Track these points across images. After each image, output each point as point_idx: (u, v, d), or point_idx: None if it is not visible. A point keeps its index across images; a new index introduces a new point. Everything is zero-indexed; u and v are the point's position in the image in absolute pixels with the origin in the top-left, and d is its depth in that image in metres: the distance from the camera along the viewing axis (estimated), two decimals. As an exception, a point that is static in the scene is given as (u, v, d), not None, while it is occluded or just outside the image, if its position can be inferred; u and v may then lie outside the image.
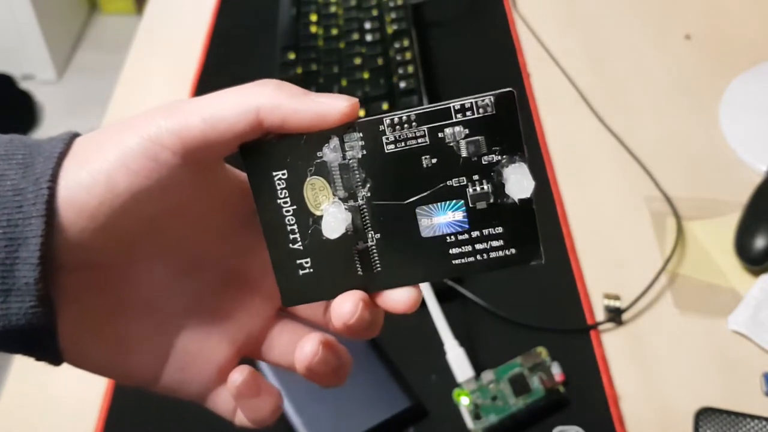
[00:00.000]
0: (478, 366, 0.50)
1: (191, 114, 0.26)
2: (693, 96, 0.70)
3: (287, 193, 0.27)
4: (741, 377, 0.51)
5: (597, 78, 0.72)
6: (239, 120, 0.26)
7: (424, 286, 0.52)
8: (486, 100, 0.26)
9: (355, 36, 0.72)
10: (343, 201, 0.27)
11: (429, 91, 0.69)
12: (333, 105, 0.26)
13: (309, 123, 0.26)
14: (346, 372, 0.31)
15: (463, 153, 0.26)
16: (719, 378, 0.51)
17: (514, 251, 0.28)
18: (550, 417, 0.49)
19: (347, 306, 0.28)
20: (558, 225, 0.60)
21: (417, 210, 0.27)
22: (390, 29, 0.72)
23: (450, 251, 0.28)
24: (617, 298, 0.55)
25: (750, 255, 0.56)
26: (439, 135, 0.26)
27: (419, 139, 0.26)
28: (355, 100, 0.27)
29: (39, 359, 0.28)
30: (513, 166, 0.26)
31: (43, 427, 0.51)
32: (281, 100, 0.26)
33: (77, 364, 0.29)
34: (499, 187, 0.27)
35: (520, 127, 0.26)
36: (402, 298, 0.29)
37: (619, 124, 0.67)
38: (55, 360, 0.28)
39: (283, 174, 0.27)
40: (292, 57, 0.71)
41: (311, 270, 0.28)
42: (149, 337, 0.30)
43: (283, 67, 0.70)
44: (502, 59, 0.74)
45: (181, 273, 0.30)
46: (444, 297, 0.53)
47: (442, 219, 0.27)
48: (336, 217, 0.27)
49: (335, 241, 0.27)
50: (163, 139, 0.26)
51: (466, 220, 0.27)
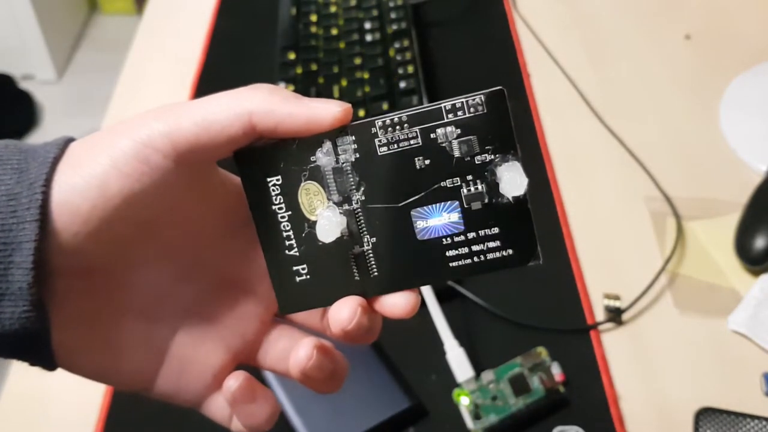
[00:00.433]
0: (478, 366, 0.50)
1: (183, 117, 0.26)
2: (693, 96, 0.70)
3: (282, 199, 0.27)
4: (741, 377, 0.51)
5: (597, 78, 0.72)
6: (232, 123, 0.26)
7: (423, 286, 0.52)
8: (476, 99, 0.26)
9: (355, 36, 0.72)
10: (338, 205, 0.27)
11: (429, 91, 0.69)
12: (325, 109, 0.26)
13: (302, 127, 0.26)
14: (342, 378, 0.30)
15: (456, 153, 0.26)
16: (719, 378, 0.51)
17: (511, 252, 0.28)
18: (550, 417, 0.49)
19: (345, 312, 0.28)
20: (558, 225, 0.60)
21: (412, 212, 0.27)
22: (390, 29, 0.72)
23: (447, 253, 0.28)
24: (617, 298, 0.55)
25: (750, 255, 0.56)
26: (431, 136, 0.26)
27: (412, 141, 0.26)
28: (348, 105, 0.27)
29: (33, 364, 0.28)
30: (506, 164, 0.26)
31: (43, 428, 0.51)
32: (274, 104, 0.26)
33: (71, 369, 0.29)
34: (494, 187, 0.27)
35: (512, 125, 0.26)
36: (400, 302, 0.29)
37: (619, 124, 0.67)
38: (49, 365, 0.28)
39: (278, 180, 0.27)
40: (292, 57, 0.71)
41: (308, 276, 0.28)
42: (144, 343, 0.30)
43: (283, 67, 0.70)
44: (502, 59, 0.74)
45: (176, 278, 0.30)
46: (444, 297, 0.53)
47: (437, 221, 0.27)
48: (330, 221, 0.27)
49: (331, 246, 0.27)
50: (155, 142, 0.26)
51: (461, 221, 0.27)
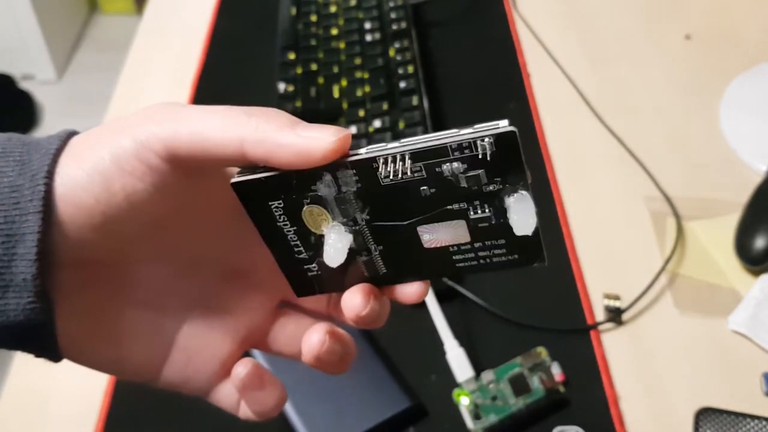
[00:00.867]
0: (478, 366, 0.50)
1: (181, 125, 0.26)
2: (693, 96, 0.70)
3: (286, 219, 0.27)
4: (741, 377, 0.51)
5: (597, 78, 0.72)
6: (224, 145, 0.25)
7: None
8: (485, 141, 0.24)
9: (355, 36, 0.72)
10: (343, 225, 0.27)
11: (429, 91, 0.69)
12: (318, 143, 0.25)
13: (292, 160, 0.25)
14: (351, 359, 0.31)
15: (463, 184, 0.25)
16: (719, 378, 0.51)
17: (517, 256, 0.28)
18: (550, 417, 0.49)
19: (358, 299, 0.28)
20: (558, 225, 0.60)
21: (418, 228, 0.27)
22: (390, 29, 0.72)
23: (453, 257, 0.28)
24: (617, 298, 0.55)
25: (750, 255, 0.56)
26: (437, 170, 0.25)
27: (416, 174, 0.25)
28: (346, 133, 0.25)
29: (38, 356, 0.28)
30: (516, 195, 0.25)
31: (44, 427, 0.51)
32: (267, 133, 0.25)
33: (76, 360, 0.29)
34: (501, 211, 0.26)
35: (524, 164, 0.24)
36: (410, 290, 0.29)
37: (619, 124, 0.67)
38: (54, 356, 0.28)
39: (279, 203, 0.27)
40: (292, 57, 0.71)
41: (319, 272, 0.29)
42: (149, 334, 0.30)
43: (283, 67, 0.70)
44: (502, 59, 0.74)
45: (181, 271, 0.30)
46: (444, 297, 0.53)
47: (444, 235, 0.27)
48: (336, 248, 0.27)
49: None
50: (153, 146, 0.26)
51: (467, 235, 0.27)
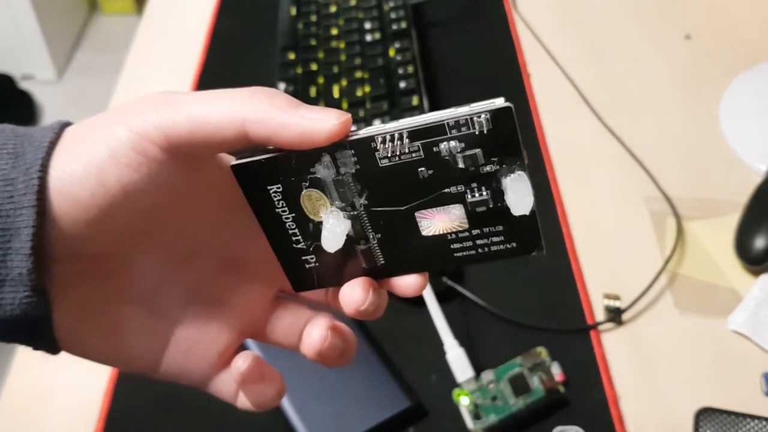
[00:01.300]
0: (478, 366, 0.50)
1: (178, 111, 0.26)
2: (693, 96, 0.70)
3: (284, 204, 0.27)
4: (741, 377, 0.51)
5: (597, 78, 0.72)
6: (225, 127, 0.25)
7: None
8: (482, 117, 0.24)
9: (355, 36, 0.72)
10: (341, 210, 0.27)
11: (429, 91, 0.69)
12: (321, 124, 0.25)
13: (295, 139, 0.25)
14: (352, 353, 0.31)
15: (460, 165, 0.25)
16: (719, 378, 0.51)
17: (515, 245, 0.27)
18: (550, 417, 0.49)
19: (357, 293, 0.28)
20: (558, 225, 0.60)
21: (416, 214, 0.27)
22: (390, 29, 0.72)
23: (451, 246, 0.28)
24: (617, 298, 0.55)
25: (750, 255, 0.56)
26: (434, 149, 0.25)
27: (413, 154, 0.25)
28: (347, 116, 0.25)
29: (36, 348, 0.28)
30: (512, 176, 0.25)
31: (44, 427, 0.51)
32: (269, 113, 0.25)
33: (75, 352, 0.29)
34: (498, 193, 0.26)
35: (519, 141, 0.25)
36: (409, 282, 0.29)
37: (619, 124, 0.67)
38: (53, 349, 0.28)
39: (278, 188, 0.27)
40: (292, 57, 0.71)
41: (317, 264, 0.29)
42: (147, 326, 0.30)
43: (283, 67, 0.70)
44: (502, 59, 0.74)
45: (178, 262, 0.30)
46: (444, 297, 0.53)
47: (441, 221, 0.27)
48: (334, 232, 0.27)
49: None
50: (150, 135, 0.25)
51: (465, 221, 0.27)
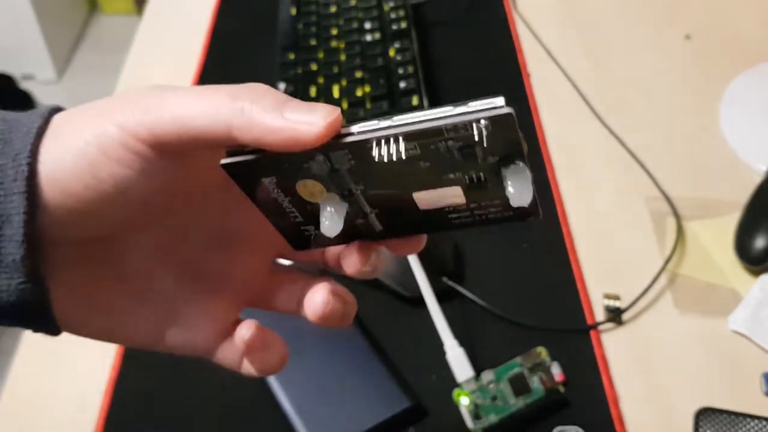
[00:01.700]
0: (478, 366, 0.50)
1: (166, 110, 0.25)
2: (693, 96, 0.70)
3: (280, 191, 0.27)
4: (741, 377, 0.51)
5: (597, 78, 0.72)
6: (211, 130, 0.25)
7: (424, 286, 0.52)
8: (481, 123, 0.23)
9: (355, 36, 0.72)
10: (338, 195, 0.27)
11: (429, 91, 0.69)
12: (308, 128, 0.24)
13: (282, 145, 0.25)
14: (353, 315, 0.32)
15: (459, 158, 0.25)
16: (719, 378, 0.51)
17: (512, 213, 0.27)
18: (550, 417, 0.49)
19: (356, 256, 0.29)
20: (558, 225, 0.60)
21: (414, 194, 0.27)
22: (390, 29, 0.72)
23: (449, 216, 0.28)
24: (617, 298, 0.55)
25: (750, 255, 0.56)
26: (431, 147, 0.24)
27: (411, 151, 0.25)
28: (335, 114, 0.24)
29: (37, 331, 0.28)
30: (512, 167, 0.25)
31: (44, 427, 0.51)
32: (253, 117, 0.24)
33: (75, 332, 0.30)
34: (497, 179, 0.25)
35: (521, 142, 0.24)
36: (406, 242, 0.30)
37: (619, 124, 0.67)
38: (53, 331, 0.29)
39: (272, 179, 0.27)
40: (292, 57, 0.71)
41: (316, 232, 0.29)
42: (146, 302, 0.31)
43: (283, 67, 0.70)
44: (502, 59, 0.74)
45: (170, 238, 0.31)
46: (444, 297, 0.53)
47: (439, 200, 0.27)
48: (332, 219, 0.27)
49: None
50: (138, 132, 0.25)
51: (463, 198, 0.27)
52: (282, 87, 0.68)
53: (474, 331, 0.54)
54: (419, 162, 0.25)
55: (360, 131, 0.25)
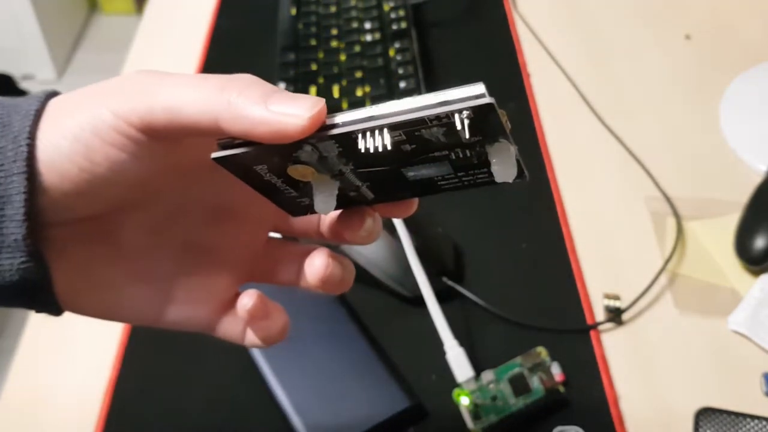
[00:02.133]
0: (478, 366, 0.50)
1: (157, 98, 0.26)
2: (693, 96, 0.70)
3: (272, 175, 0.28)
4: (741, 377, 0.51)
5: (597, 78, 0.72)
6: (200, 121, 0.25)
7: (424, 286, 0.52)
8: (464, 115, 0.24)
9: (355, 36, 0.72)
10: (329, 175, 0.27)
11: (429, 91, 0.69)
12: (293, 120, 0.24)
13: (269, 138, 0.25)
14: (352, 280, 0.32)
15: (443, 141, 0.25)
16: (719, 378, 0.51)
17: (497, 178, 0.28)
18: (550, 417, 0.49)
19: (354, 221, 0.30)
20: (558, 225, 0.60)
21: (402, 170, 0.27)
22: (390, 29, 0.72)
23: (438, 183, 0.29)
24: (617, 298, 0.55)
25: (750, 255, 0.56)
26: (416, 134, 0.25)
27: (396, 137, 0.25)
28: (320, 106, 0.25)
29: (39, 311, 0.29)
30: (496, 145, 0.25)
31: (44, 427, 0.51)
32: (240, 110, 0.25)
33: (77, 311, 0.30)
34: (482, 155, 0.26)
35: (503, 125, 0.25)
36: (399, 205, 0.30)
37: (619, 124, 0.67)
38: (55, 310, 0.29)
39: (264, 167, 0.27)
40: (292, 57, 0.71)
41: (311, 202, 0.29)
42: (146, 279, 0.31)
43: (283, 67, 0.70)
44: (502, 59, 0.74)
45: (168, 216, 0.31)
46: (444, 297, 0.53)
47: (427, 172, 0.28)
48: (325, 200, 0.28)
49: None
50: (130, 119, 0.26)
51: (451, 171, 0.28)
52: (282, 87, 0.68)
53: (474, 331, 0.54)
54: (405, 144, 0.26)
55: (344, 122, 0.25)
